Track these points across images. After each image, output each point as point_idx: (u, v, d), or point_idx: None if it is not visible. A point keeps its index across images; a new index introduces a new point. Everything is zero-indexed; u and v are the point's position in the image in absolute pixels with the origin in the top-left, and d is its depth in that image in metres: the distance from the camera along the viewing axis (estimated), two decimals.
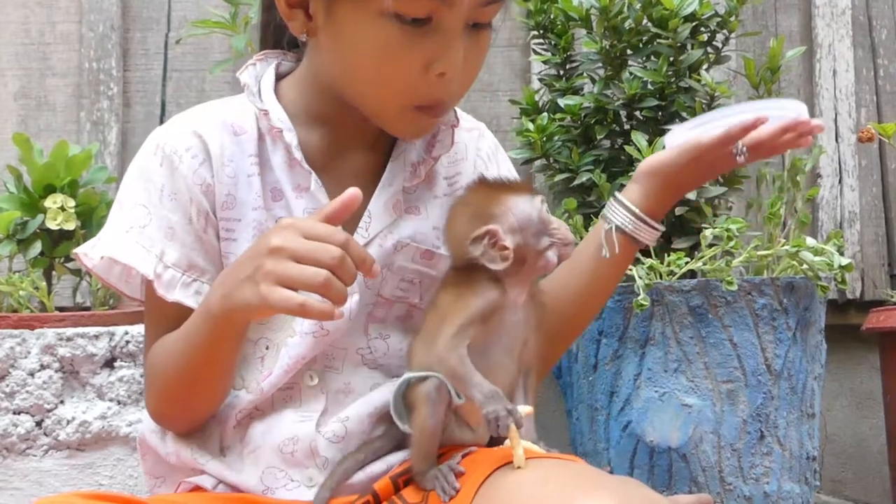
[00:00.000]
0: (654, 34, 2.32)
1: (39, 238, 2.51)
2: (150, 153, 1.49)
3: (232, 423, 1.47)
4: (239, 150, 1.49)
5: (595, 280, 1.56)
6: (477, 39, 1.42)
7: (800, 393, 2.15)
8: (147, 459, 1.55)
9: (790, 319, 2.12)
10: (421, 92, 1.40)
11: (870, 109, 3.10)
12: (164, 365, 1.46)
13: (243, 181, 1.48)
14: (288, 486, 1.44)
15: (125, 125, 3.08)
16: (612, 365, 2.14)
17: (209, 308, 1.36)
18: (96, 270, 1.50)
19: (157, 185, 1.46)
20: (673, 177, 1.50)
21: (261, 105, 1.49)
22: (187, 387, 1.44)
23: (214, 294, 1.35)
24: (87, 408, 2.34)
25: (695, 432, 2.09)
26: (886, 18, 3.14)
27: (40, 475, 2.32)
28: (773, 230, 2.25)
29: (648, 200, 1.51)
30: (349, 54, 1.41)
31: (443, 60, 1.38)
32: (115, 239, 1.47)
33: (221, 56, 2.99)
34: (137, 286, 1.54)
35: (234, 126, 1.50)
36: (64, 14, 3.11)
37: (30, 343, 2.32)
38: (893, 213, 3.08)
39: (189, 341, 1.41)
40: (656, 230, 1.52)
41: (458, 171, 1.60)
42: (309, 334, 1.45)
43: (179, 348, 1.42)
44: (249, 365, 1.48)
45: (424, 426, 1.38)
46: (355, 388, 1.48)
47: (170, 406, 1.47)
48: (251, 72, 1.54)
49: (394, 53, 1.37)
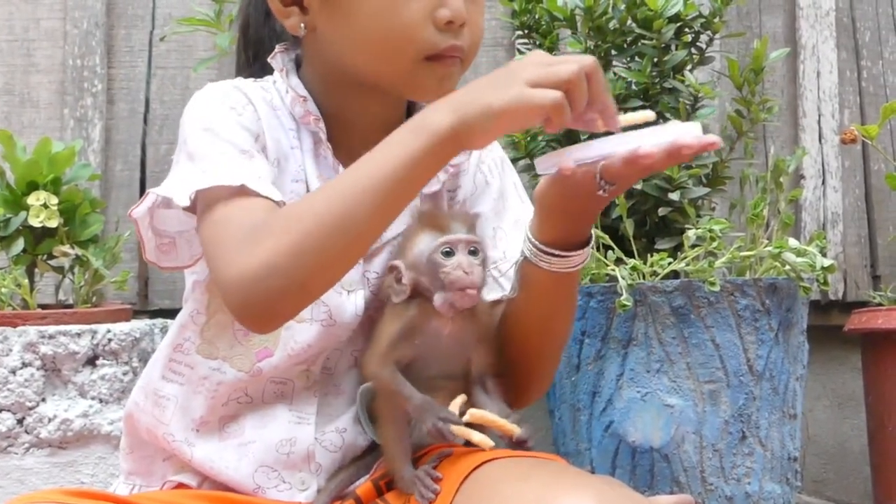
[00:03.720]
0: (639, 35, 2.32)
1: (22, 235, 2.50)
2: (214, 103, 1.46)
3: (220, 399, 1.46)
4: (278, 123, 1.49)
5: (544, 305, 1.49)
6: None
7: (782, 393, 2.15)
8: (130, 436, 1.55)
9: (772, 320, 2.13)
10: (432, 40, 1.40)
11: (853, 111, 3.11)
12: (320, 206, 1.27)
13: (286, 151, 1.48)
14: (279, 488, 1.45)
15: (109, 122, 3.07)
16: (595, 365, 2.14)
17: (424, 126, 1.25)
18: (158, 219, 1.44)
19: (225, 127, 1.42)
20: (551, 205, 1.39)
21: (302, 91, 1.50)
22: (344, 230, 1.25)
23: (433, 114, 1.26)
24: (69, 406, 2.33)
25: (677, 432, 2.09)
26: (870, 20, 3.15)
27: (22, 473, 2.32)
28: (756, 231, 2.25)
29: (542, 227, 1.42)
30: (352, 21, 1.42)
31: (446, 7, 1.39)
32: (203, 177, 1.38)
33: (206, 54, 2.98)
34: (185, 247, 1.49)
35: (270, 101, 1.50)
36: (48, 10, 3.10)
37: (12, 340, 2.31)
38: (876, 215, 3.09)
39: (368, 174, 1.26)
40: (561, 256, 1.42)
41: (458, 184, 1.60)
42: (316, 322, 1.45)
43: (348, 186, 1.27)
44: (224, 334, 1.47)
45: (387, 433, 1.42)
46: (345, 390, 1.49)
47: (301, 259, 1.25)
48: (280, 59, 1.54)
49: (394, 6, 1.39)
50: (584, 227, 1.43)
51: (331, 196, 1.27)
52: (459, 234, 1.39)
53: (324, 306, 1.44)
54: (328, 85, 1.50)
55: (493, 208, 1.60)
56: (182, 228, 1.45)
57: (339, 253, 1.26)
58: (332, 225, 1.24)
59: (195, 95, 1.48)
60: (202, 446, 1.46)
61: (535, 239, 1.43)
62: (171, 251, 1.47)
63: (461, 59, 1.44)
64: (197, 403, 1.47)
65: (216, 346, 1.47)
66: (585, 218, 1.42)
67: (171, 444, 1.48)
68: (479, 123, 1.22)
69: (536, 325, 1.50)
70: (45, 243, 2.52)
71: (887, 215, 3.10)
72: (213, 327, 1.48)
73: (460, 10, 1.40)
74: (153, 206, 1.43)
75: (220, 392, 1.46)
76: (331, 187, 1.29)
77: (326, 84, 1.50)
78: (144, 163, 3.07)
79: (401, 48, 1.41)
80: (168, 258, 1.47)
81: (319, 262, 1.25)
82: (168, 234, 1.45)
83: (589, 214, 1.42)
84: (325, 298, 1.43)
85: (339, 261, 1.27)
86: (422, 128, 1.24)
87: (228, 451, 1.46)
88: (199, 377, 1.47)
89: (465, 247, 1.38)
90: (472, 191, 1.60)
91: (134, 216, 1.43)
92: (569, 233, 1.42)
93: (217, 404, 1.47)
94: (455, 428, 1.34)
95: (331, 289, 1.33)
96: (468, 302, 1.37)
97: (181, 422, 1.47)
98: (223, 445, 1.46)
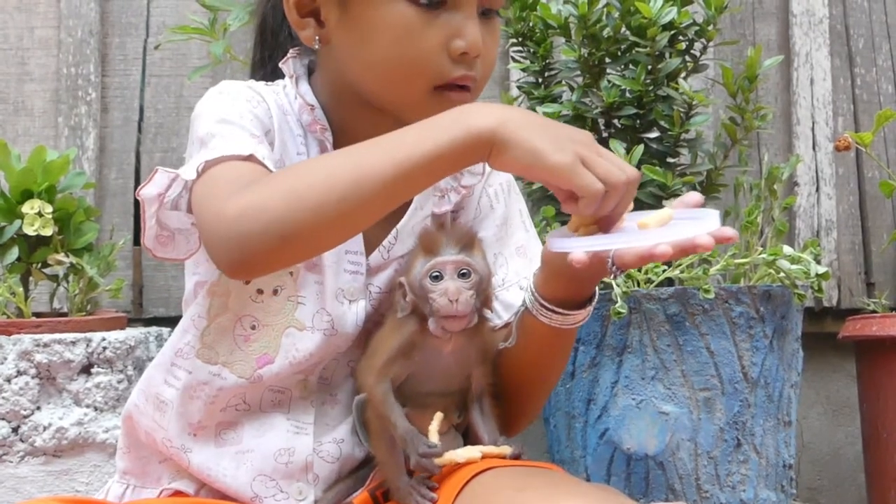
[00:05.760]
0: (633, 42, 2.32)
1: (17, 243, 2.50)
2: (228, 97, 1.45)
3: (219, 405, 1.46)
4: (287, 128, 1.49)
5: (541, 355, 1.50)
6: (487, 26, 1.44)
7: (776, 401, 2.15)
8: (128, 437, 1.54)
9: (767, 327, 2.13)
10: (444, 69, 1.40)
11: (847, 118, 3.12)
12: (333, 166, 1.27)
13: (293, 156, 1.47)
14: (277, 497, 1.45)
15: (103, 130, 3.06)
16: (590, 372, 2.14)
17: (464, 120, 1.25)
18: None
19: (238, 116, 1.42)
20: (558, 271, 1.40)
21: (310, 99, 1.49)
22: (344, 195, 1.24)
23: (477, 112, 1.26)
24: (64, 414, 2.33)
25: (671, 440, 2.09)
26: (863, 27, 3.16)
27: (16, 481, 2.31)
28: (750, 238, 2.25)
29: (546, 285, 1.43)
30: (368, 43, 1.42)
31: (462, 38, 1.39)
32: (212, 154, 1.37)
33: (200, 62, 2.98)
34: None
35: (281, 105, 1.50)
36: (42, 19, 3.10)
37: (6, 349, 2.31)
38: (870, 222, 3.10)
39: (387, 148, 1.26)
40: (563, 314, 1.43)
41: (462, 205, 1.59)
42: (318, 331, 1.45)
43: (364, 155, 1.26)
44: (224, 339, 1.47)
45: (379, 443, 1.42)
46: (341, 400, 1.49)
47: (290, 208, 1.24)
48: (291, 64, 1.53)
49: (411, 34, 1.39)
50: (588, 290, 1.44)
51: (345, 161, 1.27)
52: (447, 257, 1.38)
53: (326, 315, 1.45)
54: (337, 98, 1.50)
55: (496, 234, 1.59)
56: (181, 226, 1.45)
57: (331, 218, 1.24)
58: (336, 187, 1.23)
59: (209, 91, 1.48)
60: (199, 452, 1.46)
61: (537, 293, 1.44)
62: (169, 244, 1.46)
63: (470, 89, 1.44)
64: (195, 408, 1.47)
65: (216, 351, 1.47)
66: (591, 284, 1.44)
67: (170, 449, 1.48)
68: (519, 152, 1.22)
69: (530, 372, 1.50)
70: (39, 252, 2.52)
71: (881, 222, 3.10)
72: (213, 332, 1.48)
73: (476, 42, 1.40)
74: (161, 199, 1.41)
75: (219, 398, 1.46)
76: (347, 153, 1.29)
77: (335, 97, 1.50)
78: (139, 171, 3.06)
79: (413, 76, 1.41)
80: (165, 250, 1.46)
81: (308, 219, 1.23)
82: (168, 229, 1.45)
83: (595, 281, 1.44)
84: (329, 307, 1.44)
85: (328, 226, 1.25)
86: (460, 121, 1.24)
87: (226, 459, 1.46)
88: (198, 382, 1.47)
89: (453, 270, 1.37)
90: (476, 214, 1.59)
91: (141, 196, 1.41)
92: (573, 294, 1.43)
93: (215, 410, 1.47)
94: (438, 460, 1.35)
95: (308, 259, 1.36)
96: (457, 327, 1.36)
97: (179, 426, 1.48)
98: (220, 452, 1.46)
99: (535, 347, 1.47)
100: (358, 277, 1.46)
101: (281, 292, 1.45)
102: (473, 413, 1.44)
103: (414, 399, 1.40)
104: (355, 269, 1.47)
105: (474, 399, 1.44)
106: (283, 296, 1.46)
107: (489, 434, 1.42)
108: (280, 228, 1.22)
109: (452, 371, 1.42)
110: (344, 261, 1.46)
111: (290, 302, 1.45)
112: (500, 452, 1.38)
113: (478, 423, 1.43)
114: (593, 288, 1.45)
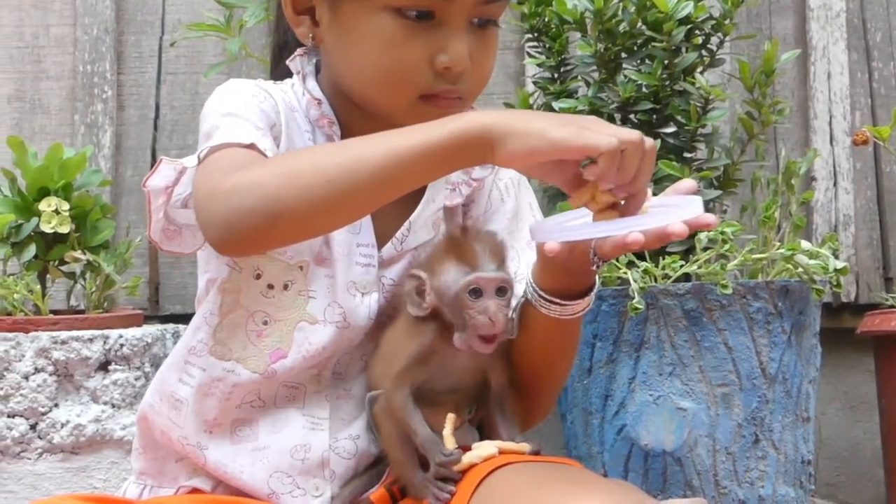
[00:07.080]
0: (649, 37, 2.32)
1: (34, 241, 2.51)
2: (236, 94, 1.46)
3: (234, 401, 1.46)
4: (294, 123, 1.49)
5: (544, 346, 1.48)
6: (482, 37, 1.43)
7: (794, 396, 2.15)
8: (143, 437, 1.54)
9: (785, 323, 2.12)
10: (427, 82, 1.40)
11: (864, 112, 3.11)
12: (331, 154, 1.29)
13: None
14: (294, 493, 1.45)
15: (119, 128, 3.07)
16: (607, 368, 2.14)
17: (459, 117, 1.23)
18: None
19: (245, 109, 1.43)
20: (550, 260, 1.35)
21: (317, 94, 1.50)
22: (336, 184, 1.24)
23: (473, 112, 1.25)
24: (82, 411, 2.34)
25: (689, 436, 2.08)
26: (881, 21, 3.15)
27: (34, 478, 2.32)
28: (767, 233, 2.25)
29: (543, 277, 1.42)
30: (355, 51, 1.42)
31: (446, 54, 1.39)
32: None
33: (215, 59, 2.98)
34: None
35: (289, 102, 1.50)
36: (58, 17, 3.11)
37: (24, 346, 2.32)
38: (888, 217, 3.08)
39: (383, 142, 1.25)
40: (562, 304, 1.42)
41: (472, 199, 1.58)
42: (331, 324, 1.45)
43: (361, 147, 1.26)
44: (237, 335, 1.47)
45: (389, 439, 1.41)
46: (356, 394, 1.49)
47: (282, 188, 1.24)
48: (299, 62, 1.54)
49: (397, 46, 1.38)
50: (584, 282, 1.42)
51: (339, 149, 1.29)
52: (489, 274, 1.35)
53: (339, 308, 1.44)
54: (338, 95, 1.50)
55: (507, 227, 1.57)
56: (189, 222, 1.44)
57: (320, 200, 1.23)
58: (326, 170, 1.24)
59: (217, 89, 1.48)
60: (215, 449, 1.47)
61: (535, 284, 1.43)
62: (176, 238, 1.46)
63: (460, 98, 1.43)
64: (209, 405, 1.47)
65: (229, 347, 1.47)
66: (584, 277, 1.42)
67: (186, 448, 1.48)
68: (519, 139, 1.19)
69: (537, 365, 1.49)
70: (56, 249, 2.52)
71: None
72: (225, 328, 1.48)
73: (460, 58, 1.39)
74: (168, 193, 1.41)
75: (233, 394, 1.46)
76: (343, 142, 1.32)
77: (337, 95, 1.50)
78: None
79: (397, 86, 1.41)
80: (171, 243, 1.46)
81: (297, 199, 1.23)
82: (176, 224, 1.45)
83: (587, 274, 1.41)
84: (341, 300, 1.44)
85: (316, 209, 1.24)
86: (457, 119, 1.23)
87: (242, 456, 1.46)
88: (212, 379, 1.47)
89: (493, 287, 1.35)
90: (486, 208, 1.59)
91: (147, 187, 1.41)
92: (569, 284, 1.42)
93: (230, 406, 1.47)
94: (456, 466, 1.34)
95: (297, 241, 1.36)
96: (487, 350, 1.35)
97: (194, 424, 1.48)
98: (236, 449, 1.46)
99: (540, 339, 1.46)
100: (370, 270, 1.46)
101: (291, 287, 1.45)
102: (495, 415, 1.43)
103: (425, 396, 1.39)
104: (367, 262, 1.47)
105: (494, 400, 1.43)
106: (294, 290, 1.46)
107: (508, 431, 1.41)
108: (269, 206, 1.23)
109: (467, 368, 1.41)
110: (355, 253, 1.46)
111: (300, 296, 1.45)
112: (518, 449, 1.37)
113: (498, 422, 1.42)
114: (591, 278, 1.43)
